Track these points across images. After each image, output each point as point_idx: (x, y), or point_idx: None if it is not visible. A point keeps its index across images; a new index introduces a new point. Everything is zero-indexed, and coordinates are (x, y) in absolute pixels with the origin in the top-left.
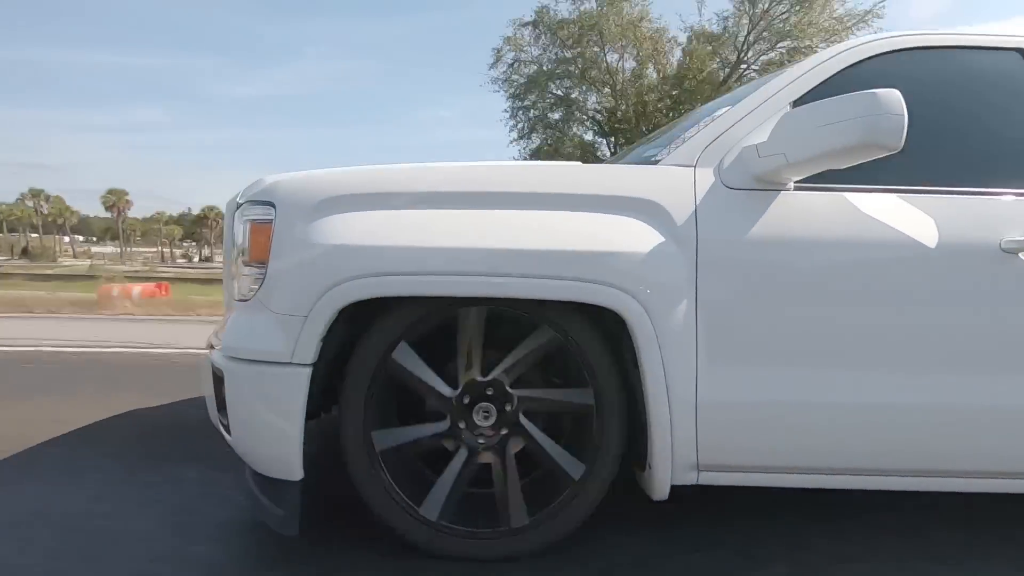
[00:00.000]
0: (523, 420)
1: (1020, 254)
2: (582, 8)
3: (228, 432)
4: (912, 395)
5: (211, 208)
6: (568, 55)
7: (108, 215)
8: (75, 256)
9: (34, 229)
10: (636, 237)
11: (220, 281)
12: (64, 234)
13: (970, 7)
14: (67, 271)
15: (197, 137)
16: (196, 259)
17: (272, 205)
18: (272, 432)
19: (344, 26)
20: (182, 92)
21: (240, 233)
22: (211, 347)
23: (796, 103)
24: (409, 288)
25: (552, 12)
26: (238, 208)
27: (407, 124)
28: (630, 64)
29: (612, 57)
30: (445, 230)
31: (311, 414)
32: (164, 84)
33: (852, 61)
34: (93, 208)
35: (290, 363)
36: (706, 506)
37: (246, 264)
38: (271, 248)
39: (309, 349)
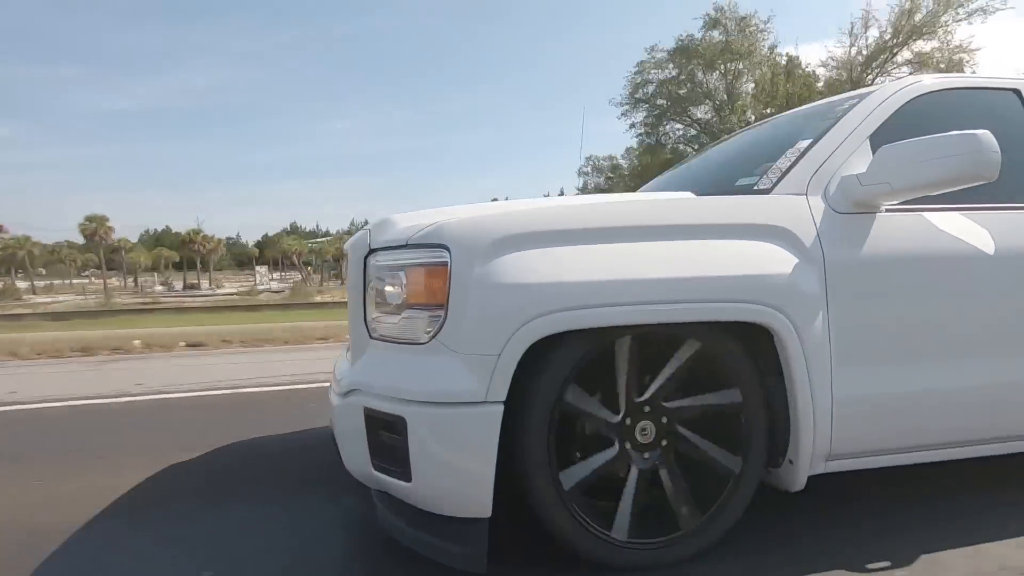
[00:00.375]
0: (681, 429)
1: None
2: (727, 38)
3: (403, 478)
4: (998, 375)
5: (196, 232)
6: (703, 79)
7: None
8: (34, 292)
9: None
10: (778, 261)
11: (240, 308)
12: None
13: None
14: (70, 307)
15: (60, 155)
16: (180, 286)
17: (445, 248)
18: (466, 471)
19: (228, 34)
20: (38, 105)
21: (399, 276)
22: (349, 392)
23: (872, 136)
24: (598, 320)
25: (695, 39)
26: (389, 250)
27: (305, 136)
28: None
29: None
30: (620, 263)
31: None
32: (15, 97)
33: (907, 99)
34: None
35: (484, 402)
36: None
37: (413, 307)
38: (450, 291)
39: (502, 387)
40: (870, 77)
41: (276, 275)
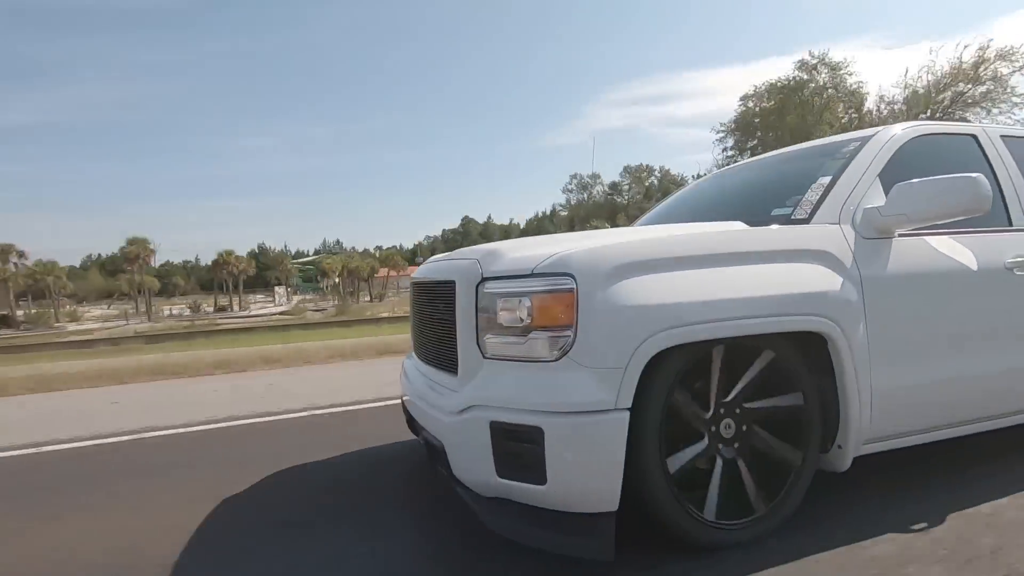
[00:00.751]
0: (755, 426)
1: (999, 270)
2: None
3: (537, 482)
4: (995, 365)
5: (229, 253)
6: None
7: None
8: (76, 319)
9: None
10: (828, 279)
11: (309, 325)
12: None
13: None
14: (149, 331)
15: None
16: (211, 309)
17: (571, 276)
18: (598, 471)
19: (130, 46)
20: None
21: (523, 302)
22: (467, 408)
23: (881, 174)
24: (704, 334)
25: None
26: (508, 278)
27: (221, 154)
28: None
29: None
30: (716, 285)
31: None
32: None
33: (903, 141)
34: None
35: (614, 409)
36: None
37: (540, 329)
38: (578, 314)
39: (628, 395)
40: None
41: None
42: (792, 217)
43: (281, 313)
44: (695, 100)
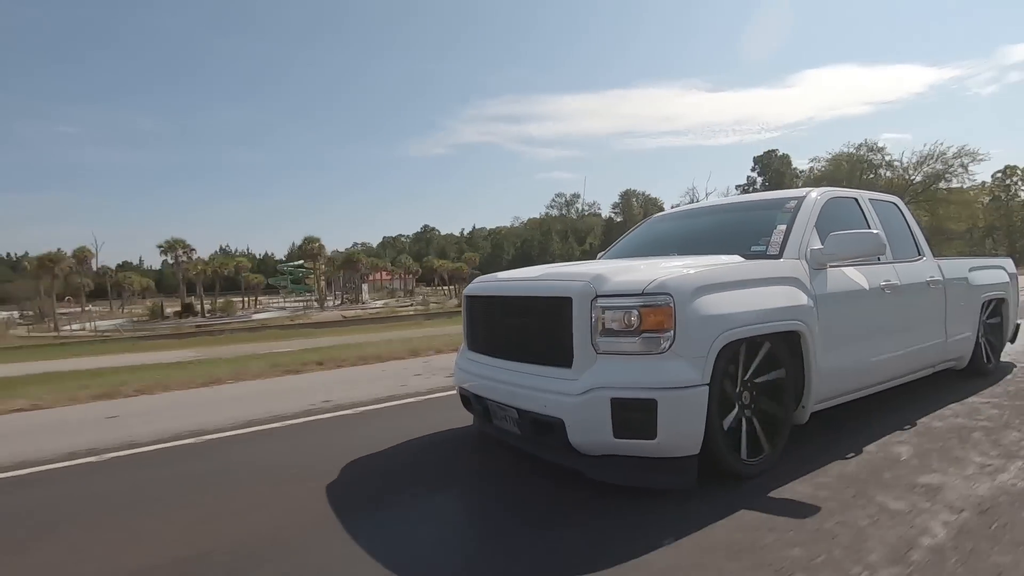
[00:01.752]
0: (760, 396)
1: (883, 288)
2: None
3: (648, 438)
4: (896, 346)
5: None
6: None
7: None
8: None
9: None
10: (799, 296)
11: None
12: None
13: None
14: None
15: None
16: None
17: (670, 295)
18: (690, 427)
19: None
20: None
21: (633, 313)
22: (589, 391)
23: (816, 225)
24: (745, 334)
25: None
26: (621, 296)
27: (8, 143)
28: None
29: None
30: (749, 301)
31: None
32: None
33: (825, 201)
34: None
35: (701, 384)
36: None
37: (648, 331)
38: (675, 320)
39: (708, 375)
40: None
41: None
42: (767, 253)
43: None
44: (549, 122)
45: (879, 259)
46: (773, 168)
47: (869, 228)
